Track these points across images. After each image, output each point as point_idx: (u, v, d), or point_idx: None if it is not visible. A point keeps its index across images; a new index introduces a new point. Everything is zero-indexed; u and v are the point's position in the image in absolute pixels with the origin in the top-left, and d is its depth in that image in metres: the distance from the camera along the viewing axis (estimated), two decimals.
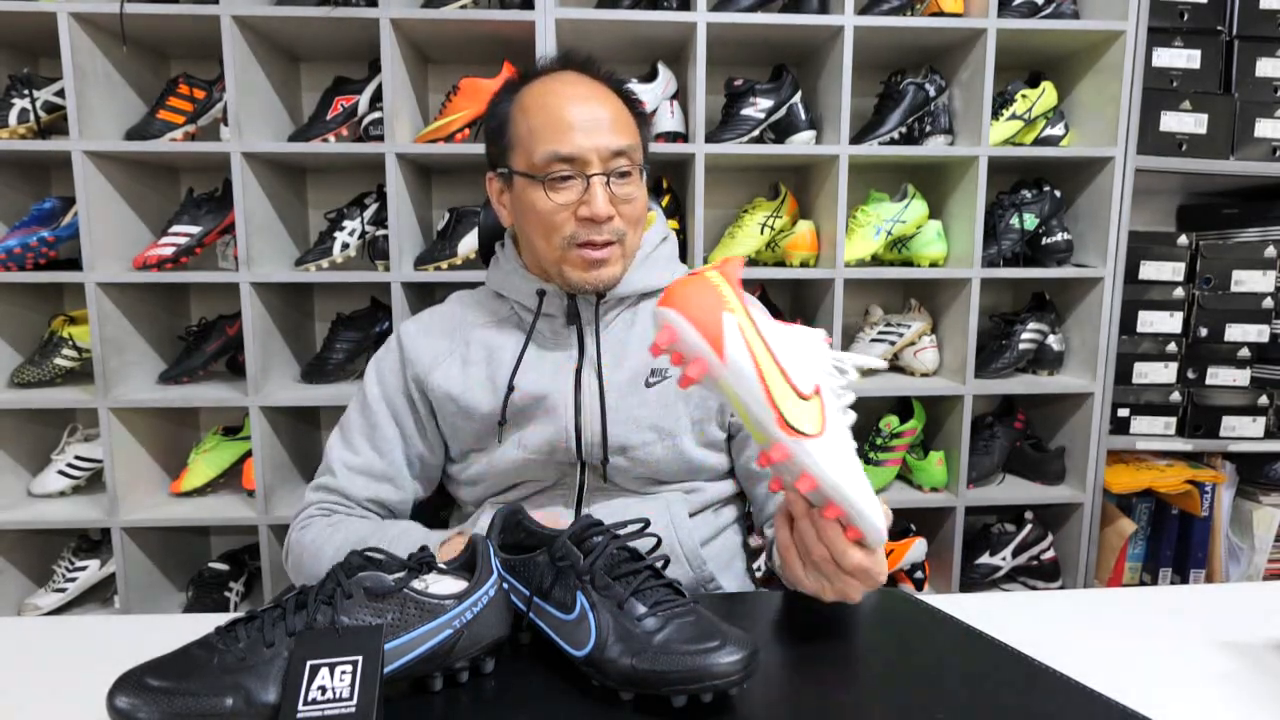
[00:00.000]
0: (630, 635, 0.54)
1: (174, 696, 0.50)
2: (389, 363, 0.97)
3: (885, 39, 1.66)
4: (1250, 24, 1.73)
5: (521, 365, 0.91)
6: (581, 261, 0.87)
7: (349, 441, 0.96)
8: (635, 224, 0.90)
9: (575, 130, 0.85)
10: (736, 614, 0.72)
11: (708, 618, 0.55)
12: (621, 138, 0.86)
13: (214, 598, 1.68)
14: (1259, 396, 1.76)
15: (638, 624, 0.54)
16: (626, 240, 0.90)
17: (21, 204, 1.67)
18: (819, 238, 1.72)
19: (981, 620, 0.68)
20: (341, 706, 0.49)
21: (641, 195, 0.90)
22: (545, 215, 0.86)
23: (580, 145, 0.84)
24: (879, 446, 1.76)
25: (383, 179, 1.57)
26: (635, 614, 0.55)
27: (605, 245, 0.87)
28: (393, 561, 0.58)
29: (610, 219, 0.86)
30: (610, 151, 0.85)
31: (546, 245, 0.88)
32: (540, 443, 0.89)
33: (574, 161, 0.85)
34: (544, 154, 0.85)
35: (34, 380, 1.63)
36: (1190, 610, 0.72)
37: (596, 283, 0.89)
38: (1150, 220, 1.99)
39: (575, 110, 0.86)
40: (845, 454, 0.59)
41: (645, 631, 0.54)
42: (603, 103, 0.88)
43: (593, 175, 0.85)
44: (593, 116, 0.86)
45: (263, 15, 1.50)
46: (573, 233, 0.86)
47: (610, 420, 0.89)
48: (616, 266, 0.90)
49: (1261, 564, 1.80)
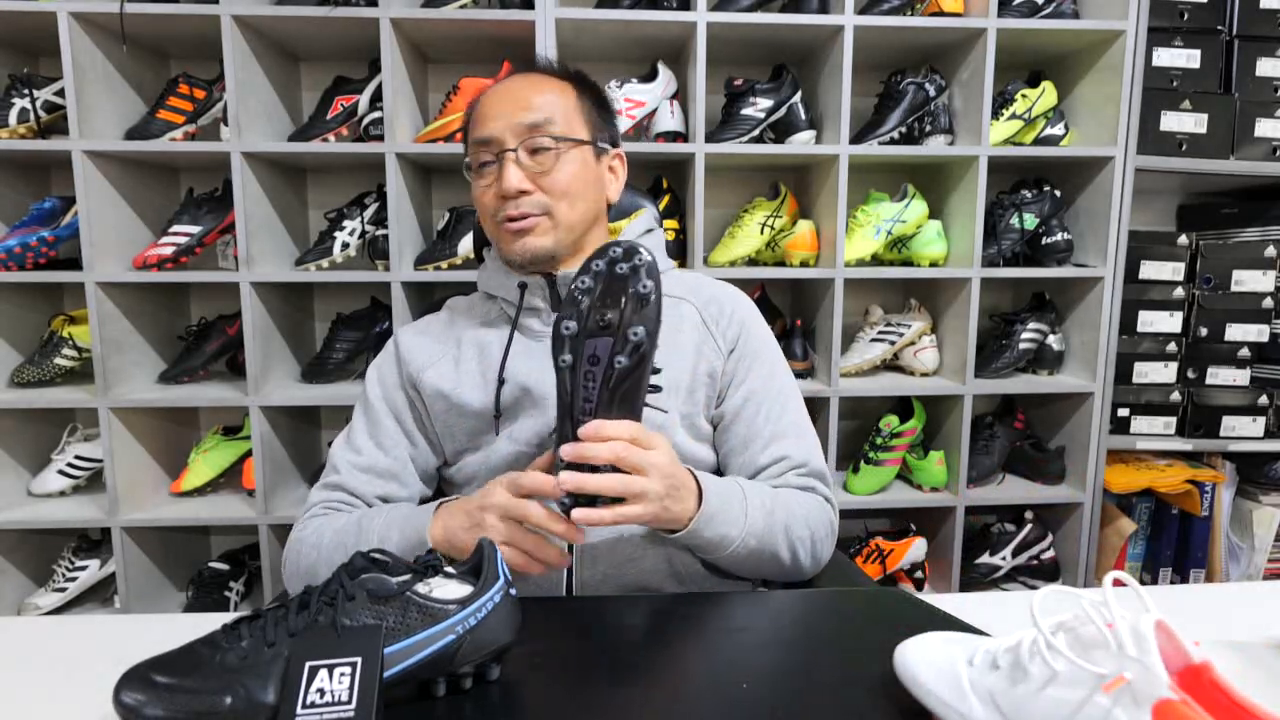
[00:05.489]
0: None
1: (177, 693, 0.50)
2: (386, 364, 0.98)
3: (885, 39, 1.66)
4: (1250, 24, 1.72)
5: (512, 358, 0.91)
6: (508, 235, 0.90)
7: (353, 443, 0.96)
8: (564, 196, 0.90)
9: (492, 116, 0.90)
10: (735, 614, 0.72)
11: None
12: (537, 113, 0.88)
13: (214, 598, 1.68)
14: (1259, 396, 1.76)
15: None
16: (558, 212, 0.90)
17: (21, 204, 1.67)
18: (819, 237, 1.72)
19: (981, 620, 0.68)
20: (340, 710, 0.48)
21: (570, 168, 0.90)
22: (478, 200, 0.93)
23: (493, 127, 0.89)
24: (879, 446, 1.76)
25: (383, 179, 1.57)
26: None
27: (525, 217, 0.89)
28: (398, 564, 0.58)
29: (524, 193, 0.88)
30: (523, 126, 0.88)
31: (488, 228, 0.94)
32: (530, 435, 0.90)
33: (490, 144, 0.89)
34: (471, 144, 0.92)
35: (34, 380, 1.63)
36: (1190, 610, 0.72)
37: (524, 253, 0.90)
38: (1150, 220, 1.99)
39: (498, 98, 0.91)
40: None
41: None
42: (529, 86, 0.91)
43: (504, 152, 0.88)
44: (511, 98, 0.90)
45: (263, 15, 1.50)
46: (496, 210, 0.90)
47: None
48: (546, 238, 0.90)
49: (1261, 564, 1.80)
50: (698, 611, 0.74)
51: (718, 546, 0.80)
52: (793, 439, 0.93)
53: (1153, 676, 0.43)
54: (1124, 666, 0.44)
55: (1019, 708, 0.48)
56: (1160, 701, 0.43)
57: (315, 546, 0.85)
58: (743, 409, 0.93)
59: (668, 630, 0.69)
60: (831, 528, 0.92)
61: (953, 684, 0.52)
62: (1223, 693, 0.44)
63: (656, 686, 0.59)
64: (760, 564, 0.85)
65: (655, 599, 0.81)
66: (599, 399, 0.68)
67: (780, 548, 0.84)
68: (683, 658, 0.63)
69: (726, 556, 0.81)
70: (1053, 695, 0.47)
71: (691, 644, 0.66)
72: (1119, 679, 0.44)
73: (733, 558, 0.82)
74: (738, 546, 0.81)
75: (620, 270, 0.69)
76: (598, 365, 0.68)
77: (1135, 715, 0.43)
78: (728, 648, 0.65)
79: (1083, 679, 0.46)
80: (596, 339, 0.68)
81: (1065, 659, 0.47)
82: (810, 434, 0.96)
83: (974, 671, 0.52)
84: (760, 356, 0.95)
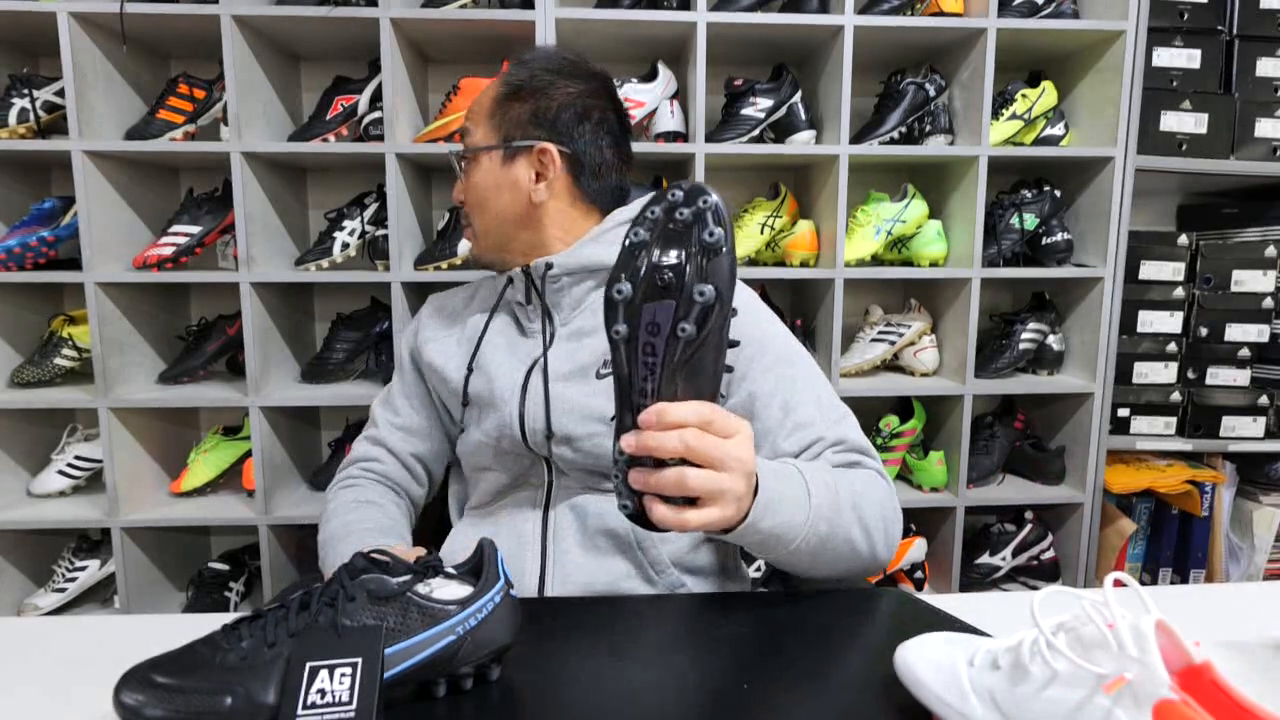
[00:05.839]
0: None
1: (177, 693, 0.50)
2: (410, 330, 1.04)
3: (885, 39, 1.66)
4: (1250, 24, 1.72)
5: (493, 349, 0.93)
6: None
7: (390, 401, 1.02)
8: (475, 207, 0.93)
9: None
10: (735, 614, 0.72)
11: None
12: (467, 123, 0.94)
13: (214, 598, 1.68)
14: (1259, 396, 1.76)
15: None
16: (474, 222, 0.94)
17: (21, 204, 1.67)
18: (819, 238, 1.72)
19: (981, 620, 0.68)
20: (340, 710, 0.48)
21: (475, 178, 0.93)
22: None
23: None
24: (879, 446, 1.76)
25: (383, 179, 1.57)
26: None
27: (469, 225, 0.95)
28: (398, 564, 0.58)
29: (462, 203, 0.95)
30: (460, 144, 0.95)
31: None
32: (491, 427, 0.90)
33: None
34: None
35: (34, 380, 1.63)
36: (1190, 610, 0.72)
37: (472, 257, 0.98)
38: (1150, 220, 1.99)
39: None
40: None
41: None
42: (477, 93, 0.95)
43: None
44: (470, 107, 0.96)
45: (263, 15, 1.50)
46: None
47: (554, 409, 0.86)
48: (474, 245, 0.96)
49: (1261, 564, 1.80)
50: (698, 611, 0.74)
51: (779, 541, 0.66)
52: (821, 422, 0.83)
53: (1153, 677, 0.43)
54: (1124, 667, 0.44)
55: (1020, 708, 0.48)
56: (1161, 702, 0.43)
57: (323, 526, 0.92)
58: (753, 404, 0.84)
59: (668, 630, 0.69)
60: (895, 505, 0.79)
61: (953, 684, 0.52)
62: (1223, 693, 0.44)
63: (657, 686, 0.59)
64: (834, 557, 0.71)
65: (656, 599, 0.81)
66: (661, 376, 0.56)
67: (854, 532, 0.71)
68: (683, 658, 0.63)
69: (789, 553, 0.67)
70: (1053, 695, 0.47)
71: (692, 644, 0.66)
72: (1119, 679, 0.44)
73: (797, 554, 0.67)
74: (806, 536, 0.67)
75: (681, 216, 0.55)
76: (658, 335, 0.56)
77: (1136, 715, 0.43)
78: (728, 648, 0.65)
79: (1083, 679, 0.46)
80: (655, 303, 0.55)
81: (1066, 659, 0.47)
82: (842, 412, 0.86)
83: (974, 672, 0.52)
84: (765, 346, 0.87)
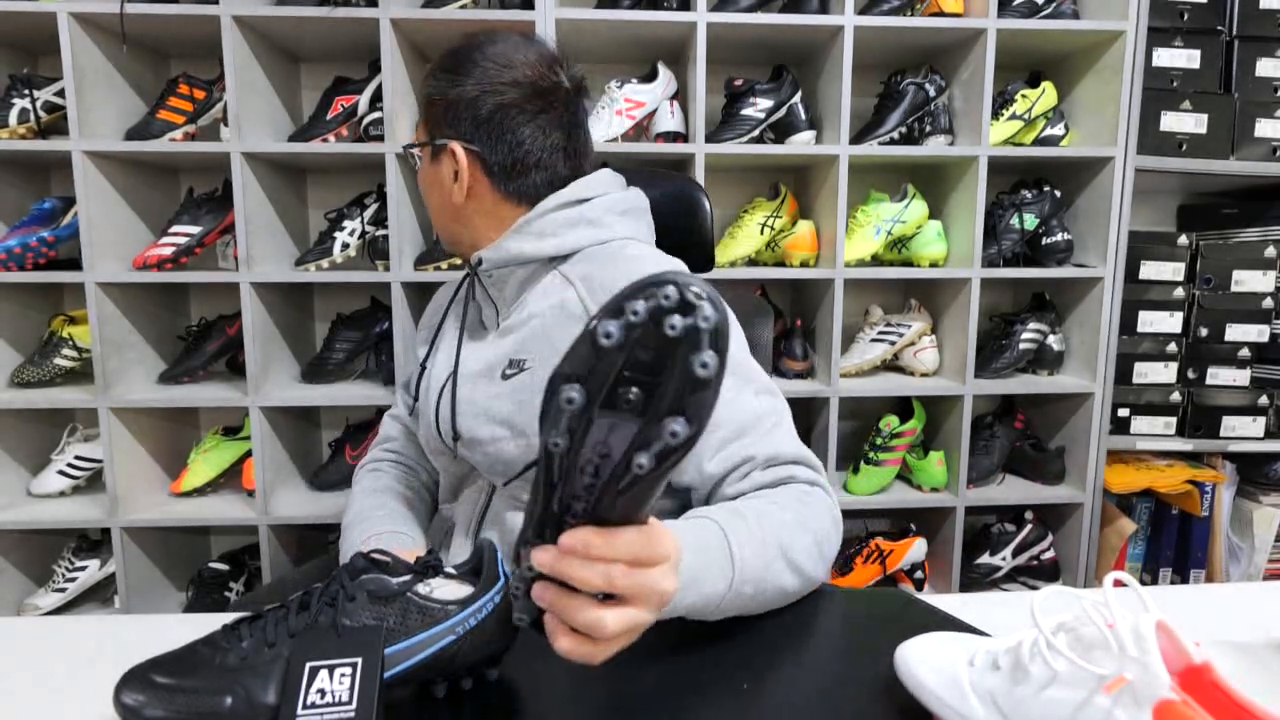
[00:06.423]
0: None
1: (177, 693, 0.50)
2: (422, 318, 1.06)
3: (885, 39, 1.66)
4: (1250, 24, 1.72)
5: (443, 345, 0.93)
6: None
7: (409, 385, 1.01)
8: (426, 205, 0.92)
9: None
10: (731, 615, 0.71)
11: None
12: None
13: (214, 598, 1.68)
14: (1259, 396, 1.76)
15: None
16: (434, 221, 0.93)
17: (21, 204, 1.67)
18: (819, 238, 1.72)
19: (982, 620, 0.68)
20: (340, 710, 0.48)
21: (420, 178, 0.90)
22: None
23: None
24: (879, 446, 1.76)
25: (383, 179, 1.57)
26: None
27: None
28: (398, 564, 0.58)
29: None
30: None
31: None
32: (421, 426, 0.92)
33: None
34: None
35: (34, 380, 1.63)
36: (1190, 610, 0.72)
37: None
38: (1150, 220, 1.99)
39: None
40: None
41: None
42: None
43: None
44: None
45: (263, 15, 1.50)
46: None
47: (460, 411, 0.83)
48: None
49: (1261, 564, 1.80)
50: None
51: (700, 612, 0.63)
52: (751, 435, 0.75)
53: (1153, 677, 0.43)
54: (1124, 667, 0.44)
55: (1019, 708, 0.48)
56: (1161, 702, 0.43)
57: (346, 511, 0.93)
58: None
59: (667, 630, 0.69)
60: (833, 518, 0.75)
61: (953, 684, 0.52)
62: (1223, 693, 0.44)
63: (657, 687, 0.59)
64: (764, 604, 0.69)
65: None
66: (598, 503, 0.45)
67: (784, 579, 0.68)
68: (683, 657, 0.63)
69: (714, 613, 0.64)
70: (1053, 696, 0.47)
71: (692, 644, 0.66)
72: (1119, 679, 0.44)
73: (723, 613, 0.65)
74: (731, 599, 0.63)
75: (670, 329, 0.41)
76: (606, 459, 0.43)
77: (1136, 715, 0.43)
78: (728, 648, 0.65)
79: (1083, 679, 0.46)
80: (612, 418, 0.43)
81: (1066, 659, 0.47)
82: (775, 420, 0.78)
83: (974, 672, 0.52)
84: None
